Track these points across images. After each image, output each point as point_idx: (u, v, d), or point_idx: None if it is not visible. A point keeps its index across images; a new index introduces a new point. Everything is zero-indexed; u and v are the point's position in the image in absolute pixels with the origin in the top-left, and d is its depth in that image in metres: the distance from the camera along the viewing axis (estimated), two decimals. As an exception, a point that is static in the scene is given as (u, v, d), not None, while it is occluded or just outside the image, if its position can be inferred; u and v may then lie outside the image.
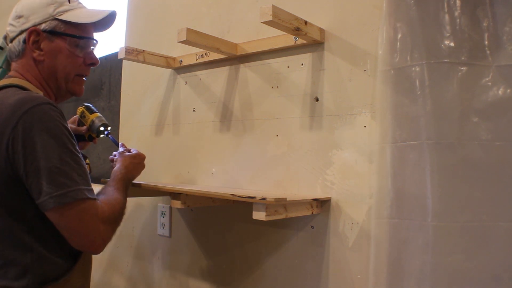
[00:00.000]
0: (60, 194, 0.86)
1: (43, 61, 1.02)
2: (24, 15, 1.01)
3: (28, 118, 0.87)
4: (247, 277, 1.29)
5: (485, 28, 0.89)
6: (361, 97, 1.06)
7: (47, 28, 1.00)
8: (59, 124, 0.90)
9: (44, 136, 0.87)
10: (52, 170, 0.86)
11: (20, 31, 1.01)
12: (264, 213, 0.94)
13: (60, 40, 1.02)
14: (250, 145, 1.30)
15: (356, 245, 1.05)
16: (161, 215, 1.55)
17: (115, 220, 0.99)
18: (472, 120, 0.88)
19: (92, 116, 1.30)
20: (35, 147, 0.86)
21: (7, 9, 1.07)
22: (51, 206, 0.86)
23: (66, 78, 1.05)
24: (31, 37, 1.00)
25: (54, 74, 1.04)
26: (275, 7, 0.98)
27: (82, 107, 1.33)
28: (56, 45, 1.02)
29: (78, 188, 0.89)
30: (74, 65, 1.05)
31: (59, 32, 1.02)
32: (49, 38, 1.01)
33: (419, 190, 0.90)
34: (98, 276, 1.83)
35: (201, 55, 1.41)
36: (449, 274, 0.87)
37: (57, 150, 0.88)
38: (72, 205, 0.88)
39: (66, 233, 0.91)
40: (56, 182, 0.86)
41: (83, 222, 0.90)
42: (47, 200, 0.86)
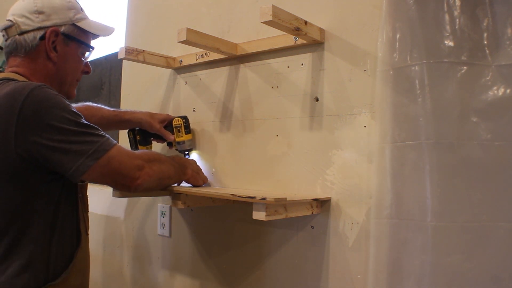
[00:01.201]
0: (95, 151, 0.92)
1: (56, 63, 1.04)
2: (45, 12, 1.01)
3: (32, 100, 0.89)
4: (247, 277, 1.29)
5: (484, 28, 0.89)
6: (361, 97, 1.06)
7: (66, 32, 1.03)
8: (60, 97, 0.94)
9: (55, 111, 0.90)
10: (76, 135, 0.91)
11: (39, 27, 1.01)
12: (264, 213, 0.94)
13: (74, 46, 1.06)
14: (250, 145, 1.30)
15: (356, 245, 1.05)
16: (161, 215, 1.55)
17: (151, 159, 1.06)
18: (471, 120, 0.88)
19: (187, 137, 1.39)
20: (51, 123, 0.89)
21: (7, 10, 1.07)
22: (91, 164, 0.92)
23: (70, 83, 1.09)
24: (51, 37, 1.01)
25: (61, 76, 1.06)
26: (275, 7, 0.98)
27: (182, 120, 1.38)
28: (69, 50, 1.05)
29: (103, 141, 0.95)
30: (77, 71, 1.10)
31: (75, 38, 1.05)
32: (65, 42, 1.04)
33: (418, 190, 0.90)
34: (98, 276, 1.83)
35: (201, 55, 1.41)
36: (448, 274, 0.87)
37: (72, 118, 0.92)
38: (108, 155, 0.94)
39: (109, 180, 0.99)
40: (85, 144, 0.92)
41: (122, 163, 0.97)
42: (84, 161, 0.91)
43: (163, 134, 1.37)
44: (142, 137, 1.42)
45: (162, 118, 1.38)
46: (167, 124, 1.39)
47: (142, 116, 1.37)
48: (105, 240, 1.82)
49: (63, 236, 0.98)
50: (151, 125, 1.36)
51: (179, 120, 1.38)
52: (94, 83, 1.98)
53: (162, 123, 1.38)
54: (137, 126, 1.40)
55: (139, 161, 1.01)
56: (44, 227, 0.95)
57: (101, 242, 1.83)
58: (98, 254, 1.84)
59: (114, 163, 0.96)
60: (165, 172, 1.09)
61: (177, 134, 1.38)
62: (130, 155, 1.00)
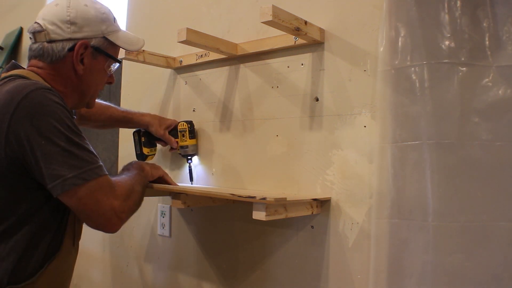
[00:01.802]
0: (73, 176, 0.86)
1: (81, 76, 1.01)
2: (78, 24, 0.97)
3: (28, 103, 0.85)
4: (247, 277, 1.29)
5: (485, 29, 0.89)
6: (361, 97, 1.06)
7: (95, 45, 1.00)
8: (60, 107, 0.89)
9: (47, 119, 0.85)
10: (61, 153, 0.86)
11: (69, 38, 0.97)
12: (264, 213, 0.94)
13: (102, 59, 1.03)
14: (250, 145, 1.30)
15: (356, 245, 1.05)
16: (161, 215, 1.55)
17: (128, 196, 0.98)
18: (472, 120, 0.88)
19: (191, 142, 1.39)
20: (40, 132, 0.85)
21: (7, 10, 1.07)
22: (66, 189, 0.86)
23: (92, 95, 1.07)
24: (80, 50, 0.98)
25: (84, 89, 1.03)
26: (275, 7, 0.98)
27: (187, 125, 1.39)
28: (97, 63, 1.02)
29: (89, 168, 0.88)
30: (102, 83, 1.08)
31: (104, 51, 1.02)
32: (93, 55, 1.01)
33: (419, 190, 0.90)
34: (98, 276, 1.83)
35: (201, 55, 1.41)
36: (449, 274, 0.87)
37: (63, 132, 0.86)
38: (86, 186, 0.88)
39: (82, 215, 0.92)
40: (67, 165, 0.86)
41: (98, 201, 0.89)
42: (61, 183, 0.86)
43: (167, 139, 1.38)
44: (147, 139, 1.44)
45: (169, 124, 1.40)
46: (173, 128, 1.41)
47: (150, 120, 1.38)
48: (105, 240, 1.82)
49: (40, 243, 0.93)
50: (156, 130, 1.37)
51: (184, 124, 1.39)
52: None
53: (167, 128, 1.39)
54: (144, 128, 1.42)
55: (118, 202, 0.93)
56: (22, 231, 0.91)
57: (101, 242, 1.83)
58: (98, 254, 1.84)
59: (90, 199, 0.89)
60: (138, 201, 1.03)
61: (181, 138, 1.39)
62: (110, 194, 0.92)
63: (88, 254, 1.87)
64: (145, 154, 1.45)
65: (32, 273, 0.93)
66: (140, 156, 1.45)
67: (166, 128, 1.39)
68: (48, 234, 0.96)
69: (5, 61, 2.40)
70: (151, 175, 1.17)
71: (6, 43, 2.48)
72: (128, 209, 0.97)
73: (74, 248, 1.05)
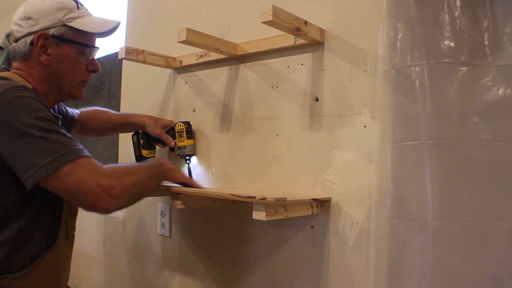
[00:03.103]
0: (51, 161, 0.85)
1: (49, 66, 1.02)
2: (33, 17, 1.00)
3: (2, 100, 0.87)
4: (247, 277, 1.29)
5: (485, 28, 0.89)
6: (361, 97, 1.06)
7: (56, 34, 1.01)
8: (32, 100, 0.90)
9: (21, 112, 0.87)
10: (36, 142, 0.86)
11: (28, 32, 1.00)
12: (264, 213, 0.94)
13: (67, 47, 1.03)
14: (250, 145, 1.30)
15: (356, 245, 1.05)
16: (161, 215, 1.55)
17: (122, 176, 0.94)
18: (472, 120, 0.88)
19: (188, 142, 1.38)
20: (14, 125, 0.86)
21: (7, 10, 1.07)
22: (43, 175, 0.85)
23: (70, 84, 1.07)
24: (39, 41, 1.00)
25: (57, 79, 1.04)
26: (275, 7, 0.98)
27: (184, 125, 1.38)
28: (63, 51, 1.03)
29: (68, 151, 0.87)
30: (78, 72, 1.07)
31: (67, 38, 1.02)
32: (57, 44, 1.02)
33: (419, 190, 0.90)
34: (98, 276, 1.83)
35: (201, 55, 1.41)
36: (449, 274, 0.87)
37: (37, 123, 0.87)
38: (65, 169, 0.86)
39: (69, 197, 0.91)
40: (43, 152, 0.86)
41: (81, 181, 0.87)
42: (37, 170, 0.85)
43: (164, 139, 1.38)
44: (145, 141, 1.44)
45: (165, 124, 1.40)
46: (169, 129, 1.41)
47: (145, 120, 1.38)
48: (105, 240, 1.82)
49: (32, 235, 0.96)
50: (153, 129, 1.37)
51: (181, 125, 1.39)
52: (94, 83, 1.97)
53: (164, 128, 1.39)
54: (140, 129, 1.42)
55: (106, 179, 0.89)
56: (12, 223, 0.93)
57: (101, 242, 1.83)
58: (98, 254, 1.84)
59: (72, 179, 0.86)
60: (139, 183, 0.99)
61: (178, 138, 1.39)
62: (95, 172, 0.89)
63: (88, 254, 1.87)
64: (144, 156, 1.44)
65: (26, 264, 0.95)
66: (139, 159, 1.45)
67: (162, 128, 1.39)
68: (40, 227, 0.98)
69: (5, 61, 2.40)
70: (172, 175, 1.14)
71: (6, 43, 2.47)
72: (121, 187, 0.91)
73: (67, 242, 1.07)
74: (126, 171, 0.97)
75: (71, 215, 1.09)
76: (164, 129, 1.39)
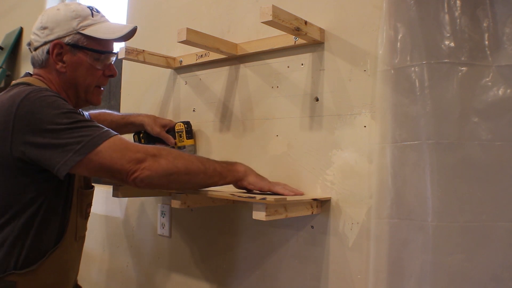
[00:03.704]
0: (82, 147, 0.91)
1: (65, 73, 1.07)
2: (49, 27, 1.04)
3: (27, 102, 0.93)
4: (247, 277, 1.29)
5: (485, 28, 0.89)
6: (361, 97, 1.06)
7: (70, 42, 1.05)
8: (57, 98, 0.95)
9: (47, 110, 0.92)
10: (65, 133, 0.91)
11: (44, 42, 1.05)
12: (264, 213, 0.94)
13: (82, 54, 1.07)
14: (250, 145, 1.30)
15: (356, 245, 1.05)
16: (161, 215, 1.55)
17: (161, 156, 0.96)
18: (472, 120, 0.88)
19: (188, 142, 1.38)
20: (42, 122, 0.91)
21: (7, 10, 1.08)
22: (77, 160, 0.90)
23: (86, 90, 1.11)
24: (55, 50, 1.04)
25: (74, 85, 1.09)
26: (275, 7, 0.98)
27: (184, 125, 1.38)
28: (78, 59, 1.06)
29: (96, 135, 0.92)
30: (94, 77, 1.10)
31: (82, 46, 1.06)
32: (72, 51, 1.06)
33: (419, 190, 0.90)
34: (98, 276, 1.83)
35: (201, 55, 1.41)
36: (449, 274, 0.87)
37: (64, 116, 0.92)
38: (97, 150, 0.91)
39: (104, 176, 0.96)
40: (73, 140, 0.91)
41: (113, 159, 0.92)
42: (72, 156, 0.90)
43: (164, 138, 1.39)
44: (146, 140, 1.44)
45: (165, 123, 1.41)
46: (170, 129, 1.41)
47: (145, 119, 1.40)
48: (105, 240, 1.82)
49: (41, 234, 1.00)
50: (152, 128, 1.38)
51: (181, 125, 1.39)
52: (94, 83, 1.97)
53: (164, 127, 1.40)
54: (140, 128, 1.42)
55: (138, 154, 0.94)
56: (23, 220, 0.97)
57: (101, 242, 1.83)
58: (98, 254, 1.84)
59: (104, 158, 0.92)
60: (181, 167, 0.97)
61: (178, 139, 1.39)
62: (126, 149, 0.94)
63: (88, 254, 1.87)
64: None
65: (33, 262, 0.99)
66: None
67: (162, 127, 1.40)
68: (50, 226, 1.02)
69: (5, 61, 2.40)
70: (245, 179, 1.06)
71: (6, 43, 2.48)
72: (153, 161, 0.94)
73: (76, 242, 1.11)
74: (168, 152, 0.99)
75: (82, 217, 1.12)
76: (164, 128, 1.40)
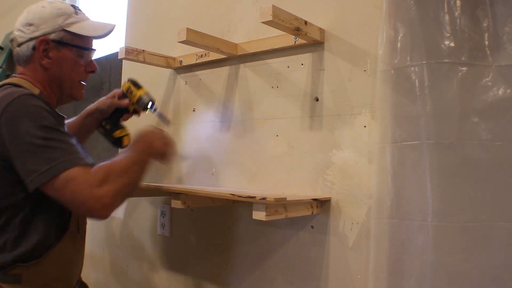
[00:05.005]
0: (48, 169, 0.91)
1: (50, 69, 1.08)
2: (34, 24, 1.06)
3: (11, 108, 0.94)
4: (247, 277, 1.29)
5: (485, 28, 0.89)
6: (361, 97, 1.06)
7: (56, 38, 1.07)
8: (39, 109, 0.96)
9: (26, 121, 0.93)
10: (37, 150, 0.92)
11: (30, 38, 1.06)
12: (264, 213, 0.95)
13: (66, 50, 1.09)
14: (250, 145, 1.29)
15: (356, 245, 1.05)
16: (161, 215, 1.55)
17: (114, 180, 0.95)
18: (472, 120, 0.88)
19: (140, 92, 1.32)
20: (19, 132, 0.93)
21: (7, 9, 1.08)
22: (42, 181, 0.91)
23: (71, 85, 1.12)
24: (41, 46, 1.06)
25: (59, 81, 1.10)
26: (275, 7, 0.98)
27: (128, 82, 1.34)
28: (63, 55, 1.08)
29: (63, 160, 0.92)
30: (77, 73, 1.13)
31: (66, 42, 1.08)
32: (57, 48, 1.08)
33: (419, 190, 0.90)
34: (98, 276, 1.83)
35: (201, 55, 1.41)
36: (449, 274, 0.87)
37: (39, 131, 0.93)
38: (61, 177, 0.91)
39: (65, 204, 0.96)
40: (41, 160, 0.91)
41: (74, 192, 0.92)
42: (36, 177, 0.91)
43: (119, 104, 1.33)
44: (111, 125, 1.35)
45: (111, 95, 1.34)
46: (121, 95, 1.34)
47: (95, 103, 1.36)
48: (105, 240, 1.82)
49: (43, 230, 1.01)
50: (104, 103, 1.33)
51: (125, 84, 1.33)
52: (94, 83, 1.98)
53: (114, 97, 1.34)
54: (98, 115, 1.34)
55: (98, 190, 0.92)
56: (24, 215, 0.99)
57: (101, 242, 1.83)
58: (98, 254, 1.84)
59: (66, 190, 0.91)
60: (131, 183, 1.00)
61: (130, 96, 1.32)
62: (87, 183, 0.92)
63: (88, 254, 1.86)
64: (119, 137, 1.34)
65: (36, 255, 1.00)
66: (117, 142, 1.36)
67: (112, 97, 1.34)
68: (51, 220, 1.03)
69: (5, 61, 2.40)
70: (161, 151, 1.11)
71: (6, 43, 2.47)
72: (114, 193, 0.94)
73: (79, 235, 1.12)
74: (118, 172, 0.99)
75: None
76: (114, 98, 1.34)
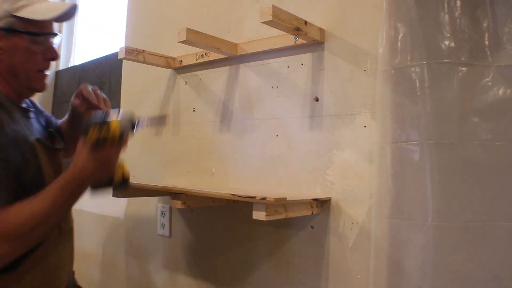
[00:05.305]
0: None
1: (2, 59, 0.98)
2: None
3: None
4: (247, 277, 1.29)
5: (485, 28, 0.89)
6: (361, 97, 1.06)
7: (4, 26, 0.96)
8: None
9: None
10: None
11: None
12: (264, 213, 0.94)
13: (17, 38, 0.98)
14: (250, 145, 1.29)
15: (356, 245, 1.05)
16: (161, 215, 1.55)
17: (18, 236, 0.87)
18: (472, 120, 0.88)
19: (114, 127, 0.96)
20: None
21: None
22: None
23: (27, 76, 1.01)
24: None
25: (14, 72, 1.00)
26: (275, 7, 0.98)
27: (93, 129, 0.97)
28: (13, 43, 0.98)
29: None
30: (33, 62, 1.01)
31: (16, 29, 0.97)
32: (6, 36, 0.97)
33: (419, 190, 0.90)
34: (98, 276, 1.83)
35: (201, 55, 1.41)
36: (449, 274, 0.87)
37: None
38: None
39: None
40: None
41: None
42: None
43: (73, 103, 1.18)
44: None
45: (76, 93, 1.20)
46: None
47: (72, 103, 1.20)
48: (105, 240, 1.82)
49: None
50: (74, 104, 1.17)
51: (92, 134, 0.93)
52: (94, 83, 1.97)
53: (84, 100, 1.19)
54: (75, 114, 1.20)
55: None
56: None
57: (101, 242, 1.83)
58: (98, 254, 1.84)
59: None
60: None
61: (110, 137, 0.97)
62: None
63: (88, 254, 1.87)
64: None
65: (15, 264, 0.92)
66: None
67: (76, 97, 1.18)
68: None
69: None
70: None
71: None
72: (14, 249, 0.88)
73: (62, 237, 1.03)
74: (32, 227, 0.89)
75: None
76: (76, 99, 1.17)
